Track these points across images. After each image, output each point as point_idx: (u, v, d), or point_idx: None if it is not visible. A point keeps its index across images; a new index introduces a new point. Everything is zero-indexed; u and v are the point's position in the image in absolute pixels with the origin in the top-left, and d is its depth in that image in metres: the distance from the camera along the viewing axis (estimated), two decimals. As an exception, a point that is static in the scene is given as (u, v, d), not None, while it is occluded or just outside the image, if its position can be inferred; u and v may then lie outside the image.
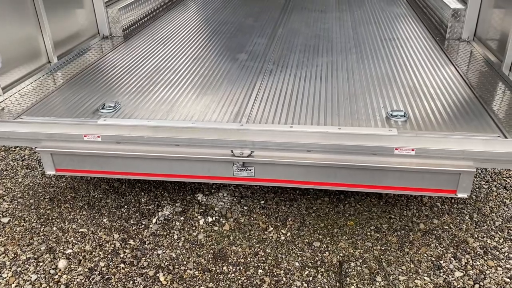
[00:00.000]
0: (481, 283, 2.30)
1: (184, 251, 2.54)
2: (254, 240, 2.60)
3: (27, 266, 2.47)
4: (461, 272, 2.37)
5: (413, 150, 2.17)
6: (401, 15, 4.57)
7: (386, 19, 4.43)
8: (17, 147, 3.68)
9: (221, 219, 2.76)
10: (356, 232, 2.64)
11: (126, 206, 2.90)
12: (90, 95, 2.85)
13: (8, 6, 2.93)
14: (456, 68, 3.13)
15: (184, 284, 2.33)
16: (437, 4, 4.19)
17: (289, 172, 2.40)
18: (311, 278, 2.35)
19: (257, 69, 3.23)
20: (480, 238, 2.59)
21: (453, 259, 2.45)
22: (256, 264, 2.44)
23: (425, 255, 2.48)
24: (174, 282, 2.35)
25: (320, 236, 2.62)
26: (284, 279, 2.35)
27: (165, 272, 2.41)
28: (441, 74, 3.04)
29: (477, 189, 3.01)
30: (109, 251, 2.55)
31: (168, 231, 2.68)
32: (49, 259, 2.51)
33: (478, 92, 2.73)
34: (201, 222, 2.74)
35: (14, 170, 3.38)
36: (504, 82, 2.86)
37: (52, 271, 2.43)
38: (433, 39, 3.77)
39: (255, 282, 2.34)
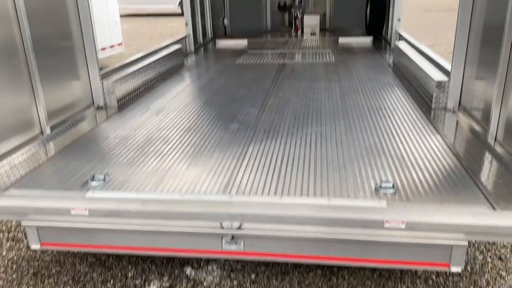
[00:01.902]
0: None
1: (170, 330, 2.42)
2: (244, 317, 2.50)
3: None
4: None
5: (403, 223, 2.16)
6: (387, 85, 4.72)
7: (373, 89, 4.57)
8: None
9: (210, 294, 2.67)
10: (350, 308, 2.55)
11: (112, 281, 2.80)
12: (81, 166, 2.84)
13: (3, 76, 2.98)
14: (443, 138, 3.18)
15: None
16: (422, 75, 4.35)
17: (280, 245, 2.35)
18: None
19: (248, 138, 3.27)
20: (478, 313, 2.51)
21: (451, 337, 2.35)
22: None
23: (422, 332, 2.38)
24: None
25: (313, 313, 2.52)
26: None
27: None
28: (428, 144, 3.09)
29: (472, 260, 2.95)
30: (92, 330, 2.43)
31: (154, 308, 2.57)
32: None
33: (465, 162, 2.76)
34: (189, 297, 2.65)
35: (-1, 242, 3.29)
36: (490, 152, 2.90)
37: None
38: (419, 109, 3.87)
39: None
